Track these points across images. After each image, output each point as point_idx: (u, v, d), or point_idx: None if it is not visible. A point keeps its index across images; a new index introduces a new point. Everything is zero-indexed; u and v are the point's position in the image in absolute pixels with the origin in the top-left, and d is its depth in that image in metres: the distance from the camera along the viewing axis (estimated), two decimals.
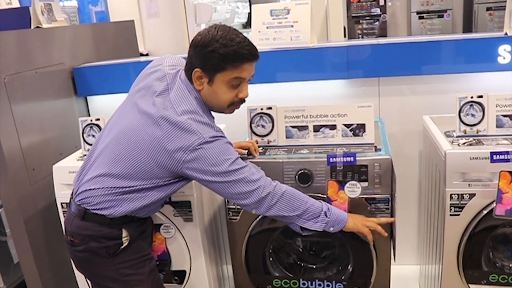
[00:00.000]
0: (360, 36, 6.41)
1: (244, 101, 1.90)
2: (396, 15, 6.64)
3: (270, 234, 2.25)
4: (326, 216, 1.90)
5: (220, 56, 1.73)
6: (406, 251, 2.91)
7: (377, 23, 6.46)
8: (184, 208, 2.27)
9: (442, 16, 6.35)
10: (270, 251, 2.33)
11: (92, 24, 3.56)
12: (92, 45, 3.27)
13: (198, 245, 2.31)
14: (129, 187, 1.80)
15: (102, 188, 1.81)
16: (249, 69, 1.81)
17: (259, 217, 2.20)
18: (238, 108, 1.92)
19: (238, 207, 2.22)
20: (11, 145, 2.33)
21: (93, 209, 1.82)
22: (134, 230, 1.92)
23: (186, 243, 2.31)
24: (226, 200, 2.25)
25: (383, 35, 6.44)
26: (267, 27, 2.79)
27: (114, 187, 1.80)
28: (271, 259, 2.34)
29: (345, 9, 6.24)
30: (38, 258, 2.41)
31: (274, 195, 1.84)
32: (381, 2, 6.39)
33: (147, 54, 6.98)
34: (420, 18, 6.38)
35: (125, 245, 1.87)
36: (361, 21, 6.45)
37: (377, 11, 6.47)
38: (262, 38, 2.81)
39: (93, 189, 1.82)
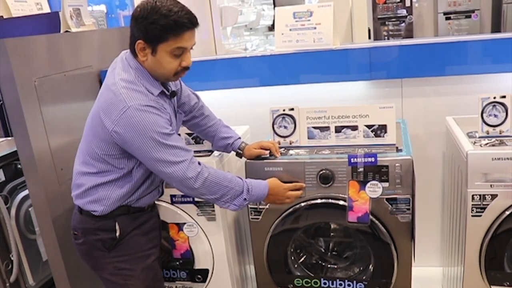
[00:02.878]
0: (386, 37, 6.37)
1: (188, 68, 1.89)
2: (423, 16, 6.57)
3: (292, 233, 2.28)
4: (245, 200, 1.96)
5: (161, 27, 1.75)
6: (429, 252, 2.90)
7: (403, 24, 6.40)
8: (207, 207, 2.32)
9: (469, 17, 6.26)
10: (292, 250, 2.36)
11: (119, 28, 3.63)
12: (119, 48, 3.30)
13: (221, 245, 2.35)
14: (97, 173, 1.89)
15: (81, 183, 1.94)
16: (190, 38, 1.82)
17: (281, 216, 2.23)
18: (184, 75, 1.92)
19: (261, 207, 2.26)
20: (40, 145, 2.41)
21: (85, 204, 1.94)
22: (129, 222, 1.97)
23: (209, 242, 2.35)
24: None
25: (409, 36, 6.38)
26: (290, 29, 2.82)
27: (88, 176, 1.92)
28: (292, 258, 2.37)
29: (371, 11, 6.21)
30: (66, 256, 2.47)
31: (197, 179, 1.84)
32: (407, 3, 6.33)
33: None
34: (447, 18, 6.29)
35: (118, 237, 1.94)
36: (387, 23, 6.39)
37: (403, 12, 6.41)
38: (285, 40, 2.83)
39: (76, 185, 1.96)
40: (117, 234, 1.94)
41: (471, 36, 2.84)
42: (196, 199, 2.30)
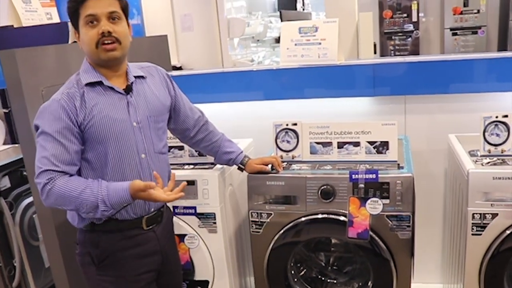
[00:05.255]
0: (392, 52, 6.40)
1: (114, 38, 1.81)
2: (429, 31, 6.60)
3: (292, 247, 2.29)
4: (107, 211, 1.76)
5: (70, 4, 1.80)
6: (430, 269, 2.90)
7: (409, 39, 6.44)
8: (209, 219, 2.33)
9: (476, 33, 6.28)
10: (292, 264, 2.37)
11: (132, 34, 3.65)
12: (127, 58, 3.38)
13: (222, 257, 2.37)
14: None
15: None
16: (97, 5, 1.79)
17: (282, 230, 2.25)
18: (111, 48, 1.81)
19: (262, 220, 2.28)
20: None
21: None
22: (118, 240, 1.89)
23: (210, 254, 2.37)
24: (250, 213, 2.30)
25: (416, 51, 6.41)
26: (296, 44, 2.85)
27: None
28: (292, 272, 2.38)
29: (377, 25, 6.25)
30: (67, 263, 2.49)
31: (48, 186, 1.74)
32: (414, 18, 6.37)
33: (180, 67, 7.13)
34: (454, 34, 6.32)
35: (102, 254, 1.88)
36: (393, 37, 6.43)
37: (410, 27, 6.44)
38: (290, 55, 2.86)
39: None
40: (100, 250, 1.88)
41: (475, 55, 2.87)
42: (197, 211, 2.32)
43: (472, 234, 2.08)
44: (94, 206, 1.74)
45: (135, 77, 1.95)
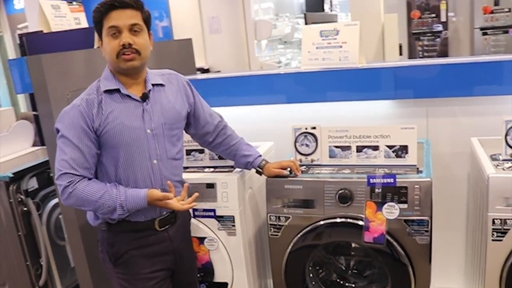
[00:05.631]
0: (421, 53, 6.32)
1: (134, 49, 1.88)
2: (459, 31, 6.49)
3: (310, 250, 2.30)
4: (123, 214, 1.89)
5: (95, 13, 1.89)
6: (453, 274, 2.86)
7: (438, 39, 6.35)
8: (228, 222, 2.36)
9: (507, 32, 6.16)
10: (310, 267, 2.38)
11: (154, 43, 3.71)
12: (154, 62, 3.42)
13: (240, 259, 2.39)
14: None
15: None
16: (119, 16, 1.87)
17: (300, 233, 2.26)
18: (130, 58, 1.89)
19: (280, 223, 2.29)
20: None
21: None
22: (131, 240, 1.98)
23: (229, 256, 2.39)
24: (268, 216, 2.32)
25: (445, 52, 6.31)
26: (317, 48, 2.85)
27: None
28: (311, 275, 2.39)
29: (405, 26, 6.19)
30: (91, 263, 2.56)
31: (69, 189, 1.85)
32: (443, 18, 6.27)
33: (208, 69, 7.19)
34: (484, 34, 6.20)
35: (115, 253, 1.98)
36: (421, 38, 6.35)
37: (438, 27, 6.35)
38: (311, 58, 2.86)
39: None
40: (115, 249, 1.98)
41: (500, 56, 2.81)
42: (217, 214, 2.35)
43: (493, 240, 2.06)
44: (112, 210, 1.87)
45: (153, 84, 2.01)
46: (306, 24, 5.33)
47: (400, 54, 5.54)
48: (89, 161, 1.89)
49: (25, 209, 2.88)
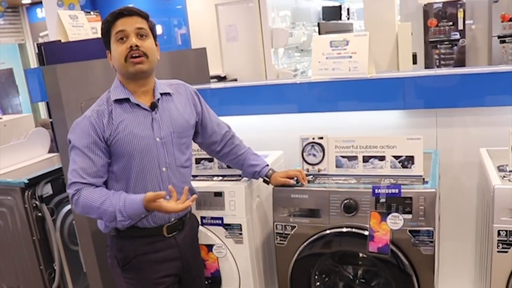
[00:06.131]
0: (437, 61, 6.30)
1: (142, 52, 1.94)
2: (477, 38, 6.47)
3: (316, 259, 2.32)
4: (124, 221, 1.90)
5: (104, 24, 1.97)
6: (462, 284, 2.85)
7: (455, 47, 6.32)
8: (235, 230, 2.40)
9: None
10: (316, 276, 2.39)
11: (170, 52, 3.79)
12: (169, 70, 3.50)
13: (247, 267, 2.42)
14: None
15: None
16: (126, 22, 1.94)
17: (306, 242, 2.28)
18: (138, 61, 1.94)
19: (286, 232, 2.32)
20: None
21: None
22: (139, 246, 2.03)
23: (237, 264, 2.42)
24: (275, 225, 2.34)
25: (462, 59, 6.29)
26: (327, 58, 2.88)
27: None
28: (317, 284, 2.40)
29: (421, 35, 6.18)
30: (102, 268, 2.61)
31: (75, 196, 1.91)
32: (460, 26, 6.25)
33: (225, 77, 7.26)
34: (502, 42, 6.17)
35: (124, 258, 2.03)
36: (438, 46, 6.34)
37: (456, 35, 6.33)
38: (321, 68, 2.89)
39: None
40: (123, 254, 2.03)
41: (504, 67, 2.80)
42: (224, 222, 2.38)
43: (498, 251, 2.05)
44: (113, 216, 1.89)
45: (162, 94, 2.06)
46: (319, 33, 5.37)
47: (415, 63, 5.55)
48: (99, 169, 1.94)
49: (39, 214, 2.95)
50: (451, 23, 6.32)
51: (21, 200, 2.93)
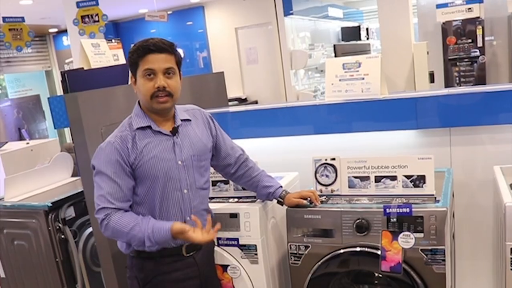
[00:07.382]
0: (457, 78, 6.28)
1: (167, 92, 2.02)
2: (497, 55, 6.43)
3: (330, 278, 2.34)
4: (152, 246, 1.99)
5: (132, 54, 2.00)
6: None
7: (475, 65, 6.29)
8: (251, 251, 2.44)
9: None
10: None
11: (189, 77, 3.89)
12: (189, 95, 3.59)
13: (263, 287, 2.45)
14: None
15: None
16: (156, 60, 1.99)
17: (319, 262, 2.31)
18: (164, 100, 2.03)
19: (300, 252, 2.35)
20: None
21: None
22: (157, 266, 2.09)
23: (252, 284, 2.46)
24: (289, 245, 2.38)
25: (482, 76, 6.25)
26: (340, 80, 2.93)
27: None
28: None
29: (440, 53, 6.17)
30: None
31: (101, 224, 1.98)
32: (479, 43, 6.23)
33: (245, 99, 7.36)
34: None
35: (147, 278, 2.08)
36: (458, 64, 6.32)
37: (475, 52, 6.30)
38: (335, 90, 2.94)
39: None
40: (144, 274, 2.09)
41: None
42: (240, 243, 2.43)
43: (511, 269, 2.05)
44: (142, 241, 1.97)
45: (182, 120, 2.14)
46: (335, 55, 5.42)
47: (432, 81, 5.55)
48: (126, 194, 2.02)
49: (62, 236, 3.05)
50: (470, 40, 6.29)
51: (45, 223, 3.03)
